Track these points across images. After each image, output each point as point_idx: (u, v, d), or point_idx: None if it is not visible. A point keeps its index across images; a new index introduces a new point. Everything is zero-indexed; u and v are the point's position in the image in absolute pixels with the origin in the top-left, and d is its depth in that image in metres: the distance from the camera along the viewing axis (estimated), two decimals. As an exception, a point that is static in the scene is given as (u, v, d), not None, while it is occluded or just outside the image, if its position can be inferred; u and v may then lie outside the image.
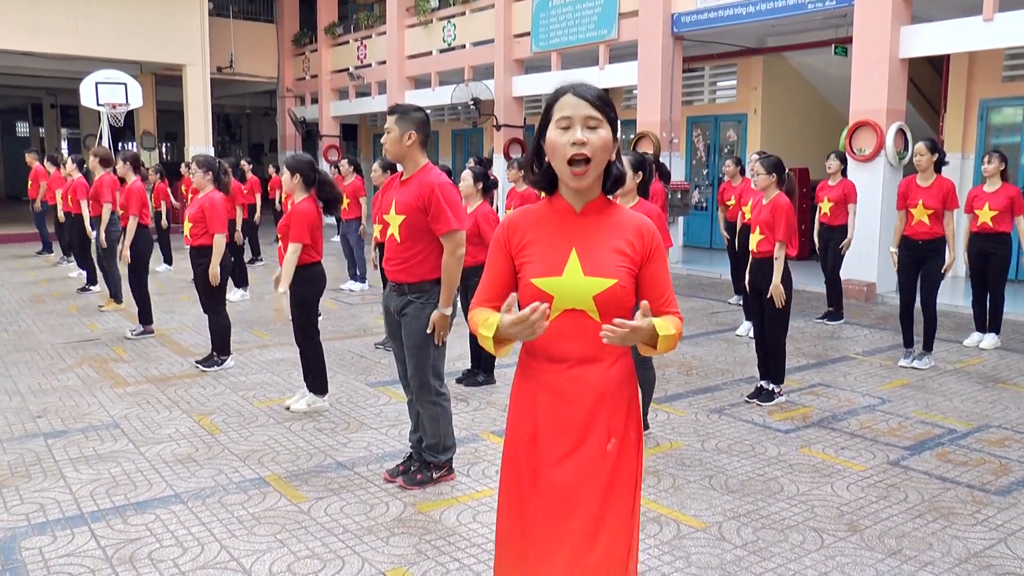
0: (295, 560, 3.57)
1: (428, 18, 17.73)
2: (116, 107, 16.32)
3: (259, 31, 22.68)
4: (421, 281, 4.21)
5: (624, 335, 2.04)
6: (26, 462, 4.73)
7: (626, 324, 2.03)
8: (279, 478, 4.51)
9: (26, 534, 3.82)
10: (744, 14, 11.79)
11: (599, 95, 2.16)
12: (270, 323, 8.61)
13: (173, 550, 3.66)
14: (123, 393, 6.14)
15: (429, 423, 4.37)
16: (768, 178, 5.89)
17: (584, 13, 14.21)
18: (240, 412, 5.69)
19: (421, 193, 4.12)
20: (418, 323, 4.22)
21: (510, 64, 15.94)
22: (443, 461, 4.43)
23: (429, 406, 4.33)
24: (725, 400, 6.03)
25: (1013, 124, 11.46)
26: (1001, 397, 6.13)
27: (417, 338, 4.24)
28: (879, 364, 7.10)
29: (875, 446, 5.06)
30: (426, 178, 4.15)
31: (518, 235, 2.26)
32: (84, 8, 17.39)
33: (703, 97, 15.78)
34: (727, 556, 3.63)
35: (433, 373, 4.30)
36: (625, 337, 2.05)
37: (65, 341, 7.89)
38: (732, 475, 4.58)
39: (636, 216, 2.26)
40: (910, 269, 6.99)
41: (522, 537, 2.23)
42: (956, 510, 4.13)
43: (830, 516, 4.05)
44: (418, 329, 4.22)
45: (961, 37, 9.70)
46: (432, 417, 4.35)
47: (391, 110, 4.24)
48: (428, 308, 4.21)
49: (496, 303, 2.30)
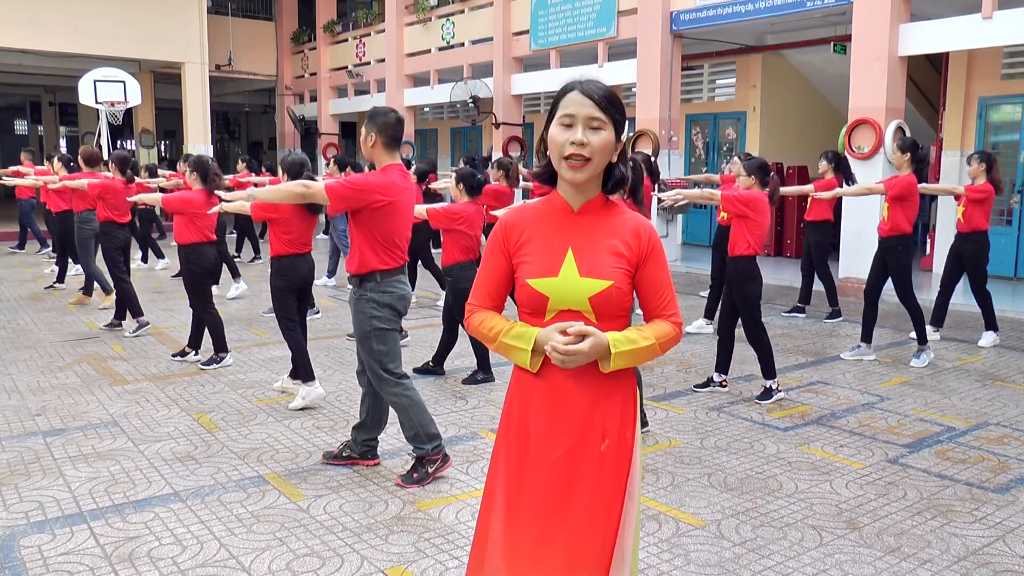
0: (294, 558, 3.57)
1: (427, 16, 17.72)
2: (115, 105, 16.30)
3: (258, 29, 22.66)
4: (355, 274, 4.37)
5: (561, 360, 2.08)
6: (25, 460, 4.73)
7: (559, 348, 2.07)
8: (278, 476, 4.51)
9: (25, 532, 3.82)
10: (743, 12, 11.78)
11: (606, 95, 2.13)
12: (270, 321, 8.61)
13: (172, 548, 3.66)
14: (122, 391, 6.14)
15: (400, 415, 4.41)
16: (749, 179, 5.94)
17: (583, 11, 14.21)
18: (239, 410, 5.69)
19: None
20: (357, 317, 4.37)
21: (509, 62, 15.93)
22: (431, 451, 4.39)
23: (392, 398, 4.39)
24: (724, 398, 6.03)
25: (1012, 122, 11.47)
26: (1000, 395, 6.13)
27: (357, 331, 4.40)
28: (878, 362, 7.10)
29: (874, 444, 5.07)
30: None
31: (515, 234, 2.24)
32: (83, 5, 17.36)
33: (702, 95, 15.78)
34: (726, 554, 3.63)
35: (381, 365, 4.34)
36: (564, 361, 2.08)
37: (64, 339, 7.88)
38: (731, 473, 4.59)
39: (634, 217, 2.24)
40: (876, 263, 7.14)
41: (510, 536, 2.21)
42: (955, 508, 4.14)
43: (829, 514, 4.06)
44: (357, 323, 4.38)
45: (960, 35, 9.71)
46: (401, 408, 4.38)
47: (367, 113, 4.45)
48: (363, 303, 4.33)
49: (496, 303, 2.30)
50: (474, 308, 2.31)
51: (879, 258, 7.09)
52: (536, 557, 2.17)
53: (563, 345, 2.08)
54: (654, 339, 2.18)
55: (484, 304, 2.30)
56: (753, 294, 5.90)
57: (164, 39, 18.35)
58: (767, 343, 5.96)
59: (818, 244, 8.90)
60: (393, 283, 4.36)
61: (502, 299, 2.32)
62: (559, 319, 2.16)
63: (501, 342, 2.21)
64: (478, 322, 2.28)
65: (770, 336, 6.09)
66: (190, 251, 6.65)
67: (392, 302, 4.35)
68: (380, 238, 4.28)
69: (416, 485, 4.34)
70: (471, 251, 6.24)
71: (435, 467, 4.41)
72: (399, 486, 4.34)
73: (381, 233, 4.28)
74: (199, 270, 6.67)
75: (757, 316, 5.94)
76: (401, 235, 4.39)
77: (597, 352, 2.10)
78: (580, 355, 2.09)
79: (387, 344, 4.36)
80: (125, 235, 8.30)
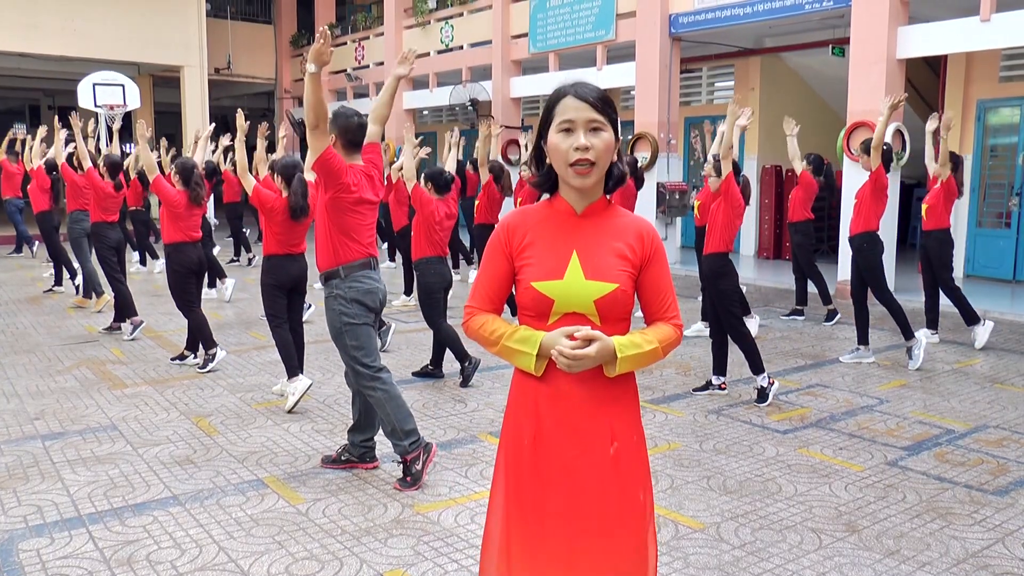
0: (293, 562, 3.57)
1: (426, 19, 17.73)
2: (114, 108, 16.31)
3: (257, 32, 22.68)
4: (324, 270, 4.41)
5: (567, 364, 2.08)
6: (24, 464, 4.72)
7: (565, 353, 2.06)
8: (277, 479, 4.50)
9: (23, 536, 3.82)
10: (741, 15, 11.80)
11: (601, 96, 2.13)
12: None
13: (171, 552, 3.65)
14: (121, 395, 6.13)
15: (378, 410, 4.41)
16: (719, 180, 6.04)
17: (582, 14, 14.22)
18: (238, 414, 5.69)
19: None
20: (328, 315, 4.42)
21: (508, 65, 15.94)
22: (409, 446, 4.36)
23: (370, 391, 4.39)
24: (723, 401, 6.03)
25: (1010, 124, 11.47)
26: (999, 397, 6.14)
27: (330, 329, 4.43)
28: (876, 364, 7.10)
29: (873, 446, 5.07)
30: None
31: (518, 236, 2.22)
32: (82, 9, 17.38)
33: (701, 98, 15.79)
34: (725, 557, 3.63)
35: (356, 360, 4.36)
36: (570, 366, 2.08)
37: (63, 343, 7.88)
38: (730, 476, 4.58)
39: (637, 219, 2.24)
40: (853, 264, 7.25)
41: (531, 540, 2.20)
42: (954, 510, 4.13)
43: (828, 516, 4.05)
44: (329, 320, 4.42)
45: (958, 38, 9.72)
46: (377, 402, 4.39)
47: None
48: (331, 300, 4.37)
49: (496, 306, 2.28)
50: (474, 311, 2.28)
51: (853, 259, 7.19)
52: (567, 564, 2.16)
53: (570, 350, 2.08)
54: (657, 343, 2.17)
55: (484, 307, 2.28)
56: (728, 290, 5.99)
57: (163, 42, 18.37)
58: (749, 337, 6.02)
59: (800, 245, 8.99)
60: (359, 277, 4.38)
61: (502, 302, 2.30)
62: (563, 322, 2.14)
63: (504, 346, 2.19)
64: (478, 325, 2.25)
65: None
66: (172, 250, 6.75)
67: (359, 296, 4.36)
68: (342, 231, 4.34)
69: (413, 488, 4.33)
70: (439, 247, 6.37)
71: (421, 463, 4.38)
72: (397, 490, 4.34)
73: (345, 226, 4.34)
74: (181, 269, 6.76)
75: (735, 311, 6.04)
76: (363, 230, 4.43)
77: (604, 357, 2.10)
78: (587, 359, 2.08)
79: (359, 339, 4.37)
80: (117, 235, 8.31)
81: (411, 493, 4.30)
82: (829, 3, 10.73)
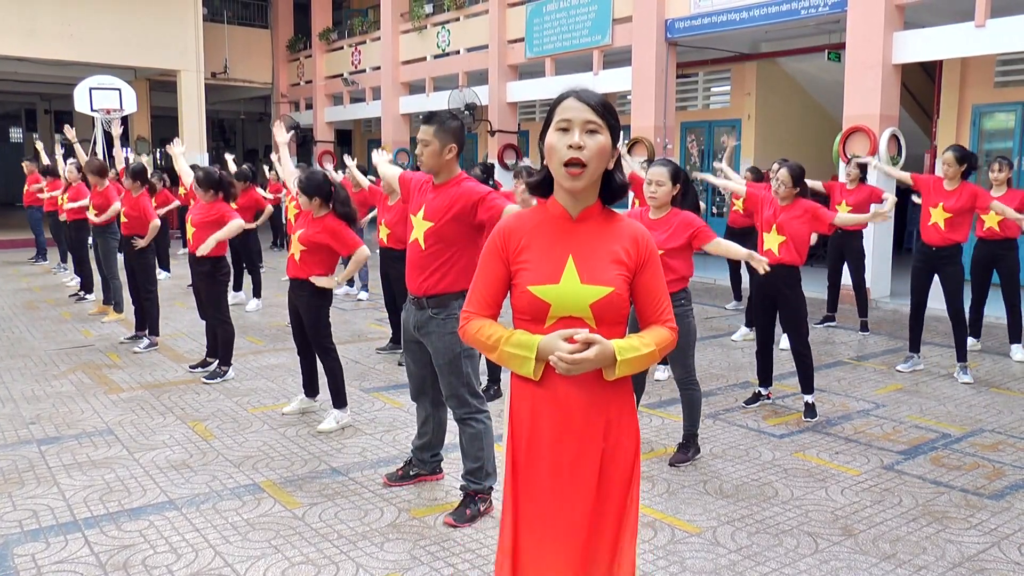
0: (289, 566, 3.56)
1: (422, 24, 17.75)
2: (110, 112, 16.30)
3: (253, 37, 22.67)
4: (443, 294, 3.99)
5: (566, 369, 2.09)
6: (19, 468, 4.71)
7: (564, 358, 2.07)
8: (273, 484, 4.50)
9: (19, 541, 3.81)
10: (738, 20, 11.83)
11: (602, 101, 2.16)
12: (265, 329, 8.59)
13: (167, 556, 3.65)
14: (117, 399, 6.12)
15: (469, 443, 4.11)
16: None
17: (578, 19, 14.24)
18: (234, 418, 5.68)
19: (456, 202, 3.94)
20: (443, 341, 3.99)
21: (504, 70, 15.96)
22: (487, 488, 4.12)
23: (470, 424, 4.09)
24: (720, 405, 6.04)
25: (1005, 129, 11.52)
26: (995, 401, 6.15)
27: (446, 356, 4.01)
28: (873, 369, 7.12)
29: (869, 451, 5.07)
30: (466, 187, 3.99)
31: (514, 241, 2.24)
32: (78, 13, 17.36)
33: (697, 102, 15.83)
34: (721, 561, 3.63)
35: (468, 389, 4.07)
36: (569, 370, 2.09)
37: (59, 347, 7.86)
38: (727, 480, 4.59)
39: (631, 224, 2.26)
40: (922, 275, 6.88)
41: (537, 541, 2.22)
42: (950, 514, 4.14)
43: (824, 520, 4.06)
44: (445, 348, 4.00)
45: (953, 43, 9.75)
46: (473, 436, 4.09)
47: (427, 119, 3.99)
48: (451, 323, 3.95)
49: (493, 310, 2.29)
50: (470, 315, 2.29)
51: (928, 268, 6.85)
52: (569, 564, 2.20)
53: (569, 354, 2.08)
54: (655, 346, 2.20)
55: (481, 311, 2.29)
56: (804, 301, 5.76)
57: (160, 47, 18.35)
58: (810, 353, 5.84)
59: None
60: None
61: (499, 306, 2.31)
62: (559, 326, 2.16)
63: (502, 350, 2.20)
64: (475, 330, 2.26)
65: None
66: (218, 262, 6.62)
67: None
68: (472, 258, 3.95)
69: (468, 524, 3.98)
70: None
71: (486, 506, 4.10)
72: (449, 525, 3.97)
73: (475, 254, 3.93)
74: (226, 280, 6.73)
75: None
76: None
77: (603, 360, 2.11)
78: (586, 363, 2.09)
79: (475, 365, 4.12)
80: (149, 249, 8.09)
81: (407, 498, 4.30)
82: (825, 8, 10.77)
